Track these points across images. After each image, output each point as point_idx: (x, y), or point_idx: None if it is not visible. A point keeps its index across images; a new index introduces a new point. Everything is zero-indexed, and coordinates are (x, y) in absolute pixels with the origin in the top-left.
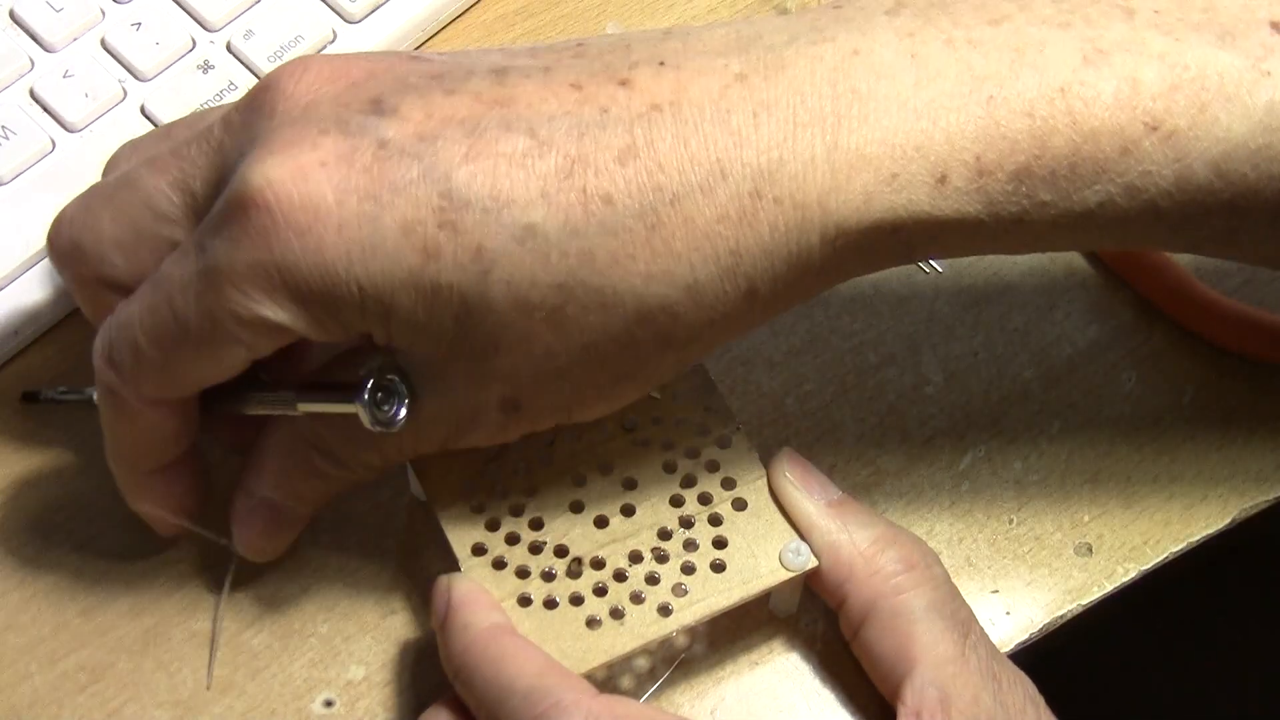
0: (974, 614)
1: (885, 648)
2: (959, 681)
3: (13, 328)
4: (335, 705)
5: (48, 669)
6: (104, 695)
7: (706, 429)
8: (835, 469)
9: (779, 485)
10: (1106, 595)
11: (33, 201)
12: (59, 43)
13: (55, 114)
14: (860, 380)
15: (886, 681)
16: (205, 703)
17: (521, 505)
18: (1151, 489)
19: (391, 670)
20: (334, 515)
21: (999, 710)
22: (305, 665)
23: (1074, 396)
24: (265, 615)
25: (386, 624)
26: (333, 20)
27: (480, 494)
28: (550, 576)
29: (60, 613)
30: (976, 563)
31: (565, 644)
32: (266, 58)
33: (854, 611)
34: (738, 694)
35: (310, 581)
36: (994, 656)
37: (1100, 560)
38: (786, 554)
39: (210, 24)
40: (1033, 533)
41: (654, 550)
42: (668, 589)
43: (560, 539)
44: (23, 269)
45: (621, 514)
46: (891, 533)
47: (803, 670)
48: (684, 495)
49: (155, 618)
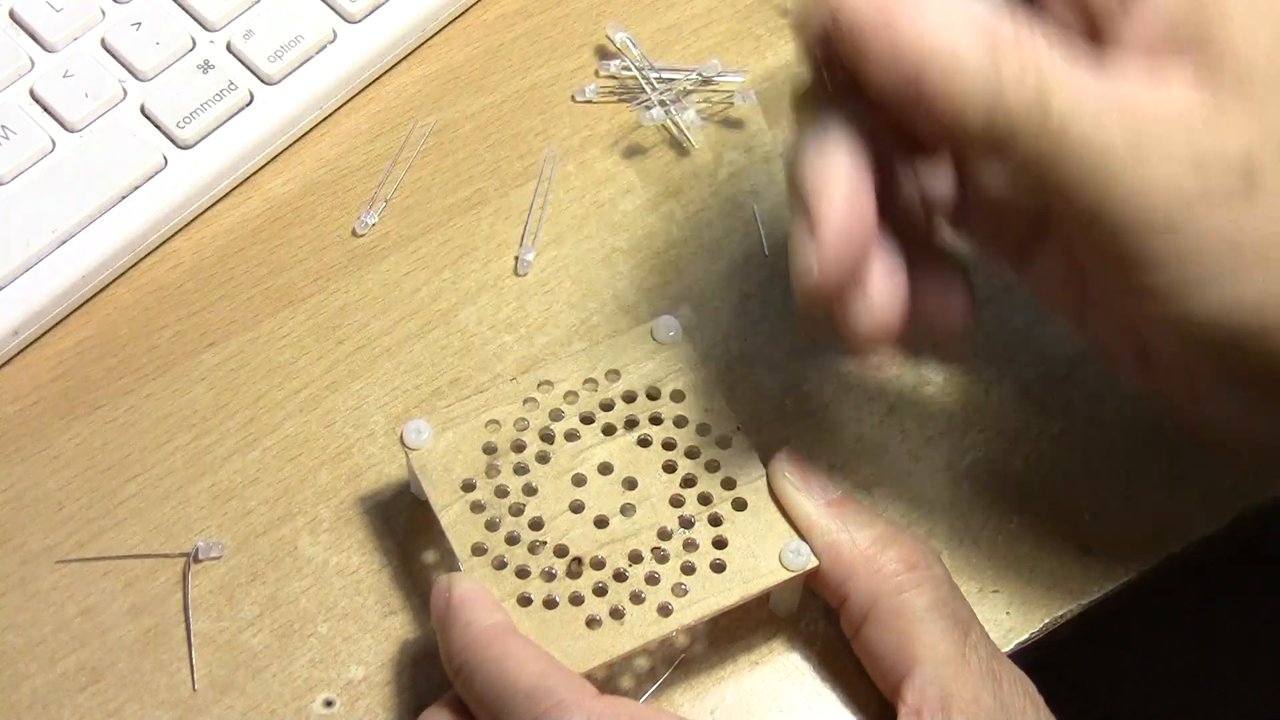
0: (974, 614)
1: (886, 647)
2: (959, 681)
3: (13, 328)
4: (335, 705)
5: (48, 669)
6: (104, 695)
7: (706, 429)
8: (835, 469)
9: (779, 485)
10: (1106, 595)
11: (33, 201)
12: (59, 43)
13: (55, 114)
14: (860, 380)
15: (887, 681)
16: (205, 703)
17: (521, 505)
18: (1151, 489)
19: (391, 670)
20: (334, 515)
21: (999, 710)
22: (305, 665)
23: (1074, 396)
24: (265, 615)
25: (386, 624)
26: (333, 20)
27: (480, 493)
28: (550, 576)
29: (60, 613)
30: (977, 562)
31: (565, 644)
32: (266, 58)
33: (855, 611)
34: (738, 694)
35: (310, 581)
36: (994, 656)
37: (1100, 560)
38: (786, 554)
39: (210, 24)
40: (1033, 533)
41: (654, 550)
42: (668, 589)
43: (560, 539)
44: (23, 269)
45: (621, 514)
46: (892, 532)
47: (803, 670)
48: (684, 495)
49: (155, 618)
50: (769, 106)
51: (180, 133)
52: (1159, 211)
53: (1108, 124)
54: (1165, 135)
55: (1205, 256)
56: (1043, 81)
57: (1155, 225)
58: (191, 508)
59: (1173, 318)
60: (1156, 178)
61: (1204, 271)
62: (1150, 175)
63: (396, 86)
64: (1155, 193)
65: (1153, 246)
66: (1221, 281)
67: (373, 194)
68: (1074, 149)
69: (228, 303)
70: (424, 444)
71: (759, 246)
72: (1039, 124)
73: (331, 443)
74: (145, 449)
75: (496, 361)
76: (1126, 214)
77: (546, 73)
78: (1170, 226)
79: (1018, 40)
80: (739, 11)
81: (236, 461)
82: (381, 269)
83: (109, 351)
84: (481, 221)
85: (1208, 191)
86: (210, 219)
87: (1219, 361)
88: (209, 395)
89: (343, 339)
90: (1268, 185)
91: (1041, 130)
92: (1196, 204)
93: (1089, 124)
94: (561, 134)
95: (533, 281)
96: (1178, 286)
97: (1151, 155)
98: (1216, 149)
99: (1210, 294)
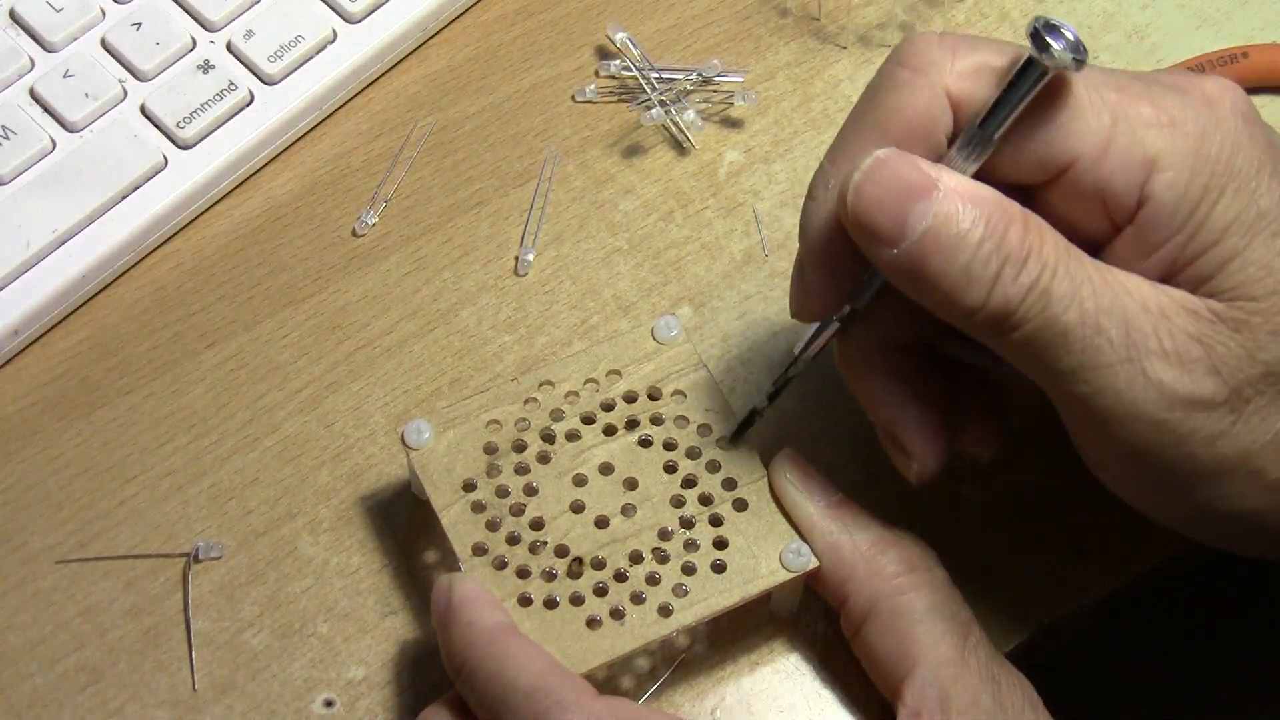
0: (974, 616)
1: (886, 648)
2: (959, 683)
3: (13, 328)
4: (335, 705)
5: (48, 669)
6: (104, 695)
7: (707, 429)
8: (835, 469)
9: (779, 486)
10: (1106, 595)
11: (33, 201)
12: (59, 42)
13: (55, 114)
14: None
15: (886, 682)
16: (205, 703)
17: (522, 505)
18: None
19: (391, 670)
20: (334, 515)
21: (998, 711)
22: (305, 665)
23: None
24: (265, 615)
25: (386, 624)
26: (333, 20)
27: (481, 493)
28: (551, 576)
29: (60, 613)
30: (977, 563)
31: (566, 644)
32: (266, 58)
33: (855, 612)
34: (738, 694)
35: (310, 581)
36: (993, 658)
37: (1100, 560)
38: (787, 554)
39: (210, 24)
40: (1031, 534)
41: (654, 550)
42: (668, 589)
43: (561, 539)
44: (23, 269)
45: (622, 514)
46: (892, 534)
47: (803, 670)
48: (684, 496)
49: (155, 618)
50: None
51: (180, 133)
52: (1149, 406)
53: (1106, 323)
54: (1160, 335)
55: (1189, 464)
56: (1043, 269)
57: (1144, 419)
58: (191, 508)
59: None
60: (1160, 377)
61: (1188, 471)
62: (1146, 372)
63: (396, 86)
64: (1148, 391)
65: (1140, 437)
66: (1204, 484)
67: (373, 194)
68: (1070, 341)
69: (228, 303)
70: (425, 444)
71: (759, 246)
72: (1038, 313)
73: (331, 443)
74: (145, 449)
75: (496, 361)
76: (1116, 407)
77: (546, 73)
78: (1158, 425)
79: (1025, 226)
80: (739, 11)
81: (236, 461)
82: (381, 269)
83: (109, 351)
84: (481, 221)
85: (1195, 401)
86: (210, 219)
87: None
88: (209, 395)
89: (343, 339)
90: (1252, 405)
91: (1041, 319)
92: (1184, 408)
93: (1087, 317)
94: (561, 134)
95: (533, 281)
96: (1153, 481)
97: (1145, 353)
98: (1211, 365)
99: (1182, 493)
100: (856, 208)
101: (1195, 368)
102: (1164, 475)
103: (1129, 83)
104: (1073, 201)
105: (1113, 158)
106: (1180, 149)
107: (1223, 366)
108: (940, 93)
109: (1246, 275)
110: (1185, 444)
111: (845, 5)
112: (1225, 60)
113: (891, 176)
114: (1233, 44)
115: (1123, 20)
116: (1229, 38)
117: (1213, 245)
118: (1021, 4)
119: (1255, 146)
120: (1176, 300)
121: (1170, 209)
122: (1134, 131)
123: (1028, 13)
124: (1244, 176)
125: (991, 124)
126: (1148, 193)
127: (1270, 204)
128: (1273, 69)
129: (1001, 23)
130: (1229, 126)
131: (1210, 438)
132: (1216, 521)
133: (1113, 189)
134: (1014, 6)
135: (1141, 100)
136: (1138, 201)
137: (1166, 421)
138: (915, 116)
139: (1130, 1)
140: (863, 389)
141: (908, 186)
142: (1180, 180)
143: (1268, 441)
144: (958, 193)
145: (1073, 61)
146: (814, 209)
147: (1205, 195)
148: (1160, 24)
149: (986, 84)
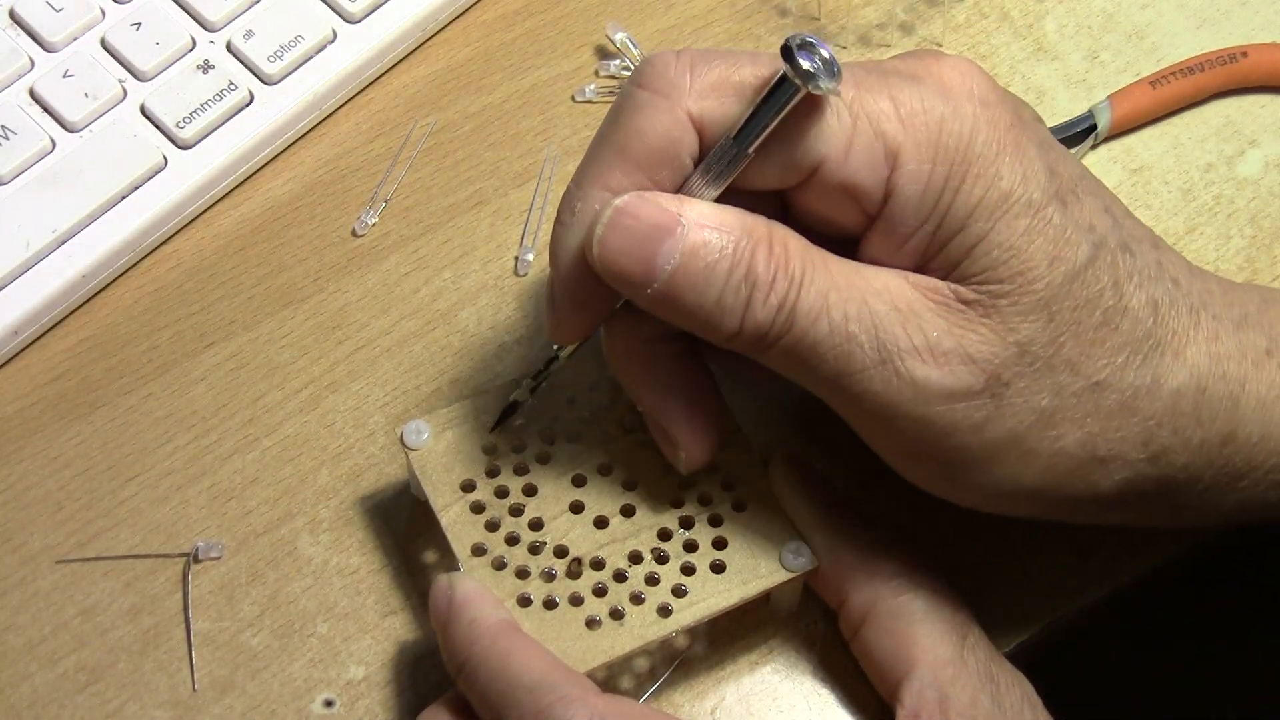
0: (972, 616)
1: (884, 649)
2: (957, 683)
3: (13, 328)
4: (335, 705)
5: (47, 669)
6: (104, 695)
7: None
8: (835, 469)
9: (779, 486)
10: (1105, 596)
11: (33, 201)
12: (59, 42)
13: (55, 114)
14: None
15: (885, 682)
16: (205, 703)
17: (521, 505)
18: None
19: (391, 670)
20: (334, 515)
21: (997, 712)
22: (305, 665)
23: None
24: (265, 615)
25: (386, 624)
26: (333, 20)
27: (480, 494)
28: (550, 577)
29: (60, 613)
30: (975, 564)
31: (565, 644)
32: (266, 58)
33: (853, 612)
34: (738, 694)
35: (310, 581)
36: (992, 658)
37: (1099, 561)
38: (786, 555)
39: (210, 24)
40: (1030, 535)
41: (654, 551)
42: (668, 590)
43: (560, 539)
44: (23, 269)
45: (621, 514)
46: (891, 534)
47: (803, 670)
48: (684, 496)
49: (155, 618)
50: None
51: (180, 133)
52: (908, 404)
53: (855, 330)
54: (911, 333)
55: (963, 452)
56: (790, 286)
57: (907, 417)
58: (191, 508)
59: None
60: (913, 375)
61: (965, 458)
62: (899, 372)
63: (396, 86)
64: (904, 390)
65: (908, 434)
66: (982, 469)
67: (373, 194)
68: (823, 351)
69: (228, 303)
70: (424, 444)
71: None
72: (789, 330)
73: (331, 443)
74: (145, 449)
75: (496, 361)
76: (879, 409)
77: (546, 73)
78: (922, 420)
79: (770, 245)
80: (739, 11)
81: (236, 461)
82: (381, 269)
83: (109, 351)
84: (481, 221)
85: (954, 393)
86: (210, 219)
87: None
88: (209, 395)
89: (343, 339)
90: (1013, 388)
91: (791, 336)
92: (944, 401)
93: (835, 326)
94: (561, 134)
95: (533, 281)
96: (936, 470)
97: (897, 353)
98: (965, 354)
99: (963, 479)
100: (603, 258)
101: (949, 360)
102: (944, 465)
103: (865, 76)
104: (824, 200)
105: (856, 156)
106: (919, 140)
107: (977, 355)
108: (681, 115)
109: (992, 258)
110: (953, 435)
111: (845, 5)
112: (1225, 60)
113: (633, 223)
114: (1232, 44)
115: (1123, 20)
116: (1229, 38)
117: (958, 231)
118: (1022, 4)
119: (995, 129)
120: (927, 293)
121: (915, 201)
122: (874, 127)
123: (1028, 13)
124: (984, 161)
125: (746, 138)
126: (892, 186)
127: (1012, 185)
128: (1272, 69)
129: (1002, 23)
130: (965, 112)
131: (977, 425)
132: (1009, 499)
133: (860, 186)
134: (1014, 6)
135: (879, 94)
136: (884, 195)
137: (928, 416)
138: (657, 140)
139: (1130, 1)
140: (628, 380)
141: (651, 228)
142: (921, 172)
143: (1034, 421)
144: (701, 224)
145: (833, 86)
146: (562, 234)
147: (947, 183)
148: (1160, 24)
149: (728, 99)
